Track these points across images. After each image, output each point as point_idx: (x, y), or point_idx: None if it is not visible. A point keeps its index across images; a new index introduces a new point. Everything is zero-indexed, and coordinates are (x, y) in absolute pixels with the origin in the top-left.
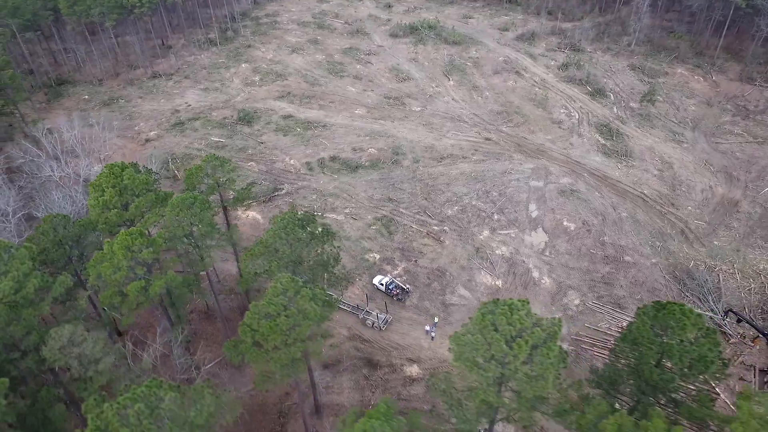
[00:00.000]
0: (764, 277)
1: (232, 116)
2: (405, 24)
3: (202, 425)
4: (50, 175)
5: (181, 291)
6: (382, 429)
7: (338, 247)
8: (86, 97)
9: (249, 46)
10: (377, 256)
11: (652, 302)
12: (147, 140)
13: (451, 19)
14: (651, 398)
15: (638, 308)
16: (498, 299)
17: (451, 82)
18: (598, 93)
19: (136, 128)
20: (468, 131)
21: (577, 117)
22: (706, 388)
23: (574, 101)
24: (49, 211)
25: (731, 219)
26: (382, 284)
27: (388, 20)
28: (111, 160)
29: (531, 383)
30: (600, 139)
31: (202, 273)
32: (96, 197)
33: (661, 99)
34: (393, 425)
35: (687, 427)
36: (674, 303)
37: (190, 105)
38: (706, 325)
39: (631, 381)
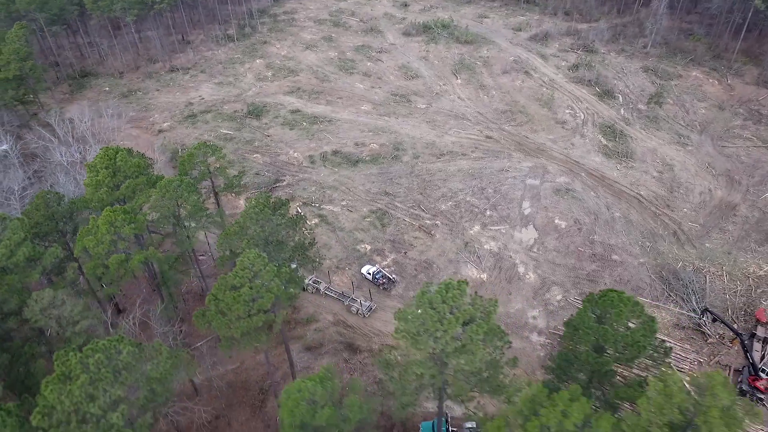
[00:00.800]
0: (752, 279)
1: (242, 110)
2: (418, 23)
3: (157, 378)
4: (60, 160)
5: (162, 268)
6: (314, 388)
7: (311, 231)
8: (107, 88)
9: (265, 43)
10: (368, 247)
11: (600, 291)
12: (160, 131)
13: (467, 18)
14: (597, 382)
15: (585, 297)
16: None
17: (459, 81)
18: (606, 94)
19: (151, 119)
20: (470, 129)
21: (582, 117)
22: (644, 374)
23: (581, 102)
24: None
25: (727, 222)
26: (369, 273)
27: (403, 19)
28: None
29: (460, 357)
30: (602, 139)
31: (198, 255)
32: (91, 177)
33: (671, 101)
34: (326, 386)
35: (628, 409)
36: (614, 291)
37: (203, 98)
38: (646, 313)
39: (576, 366)
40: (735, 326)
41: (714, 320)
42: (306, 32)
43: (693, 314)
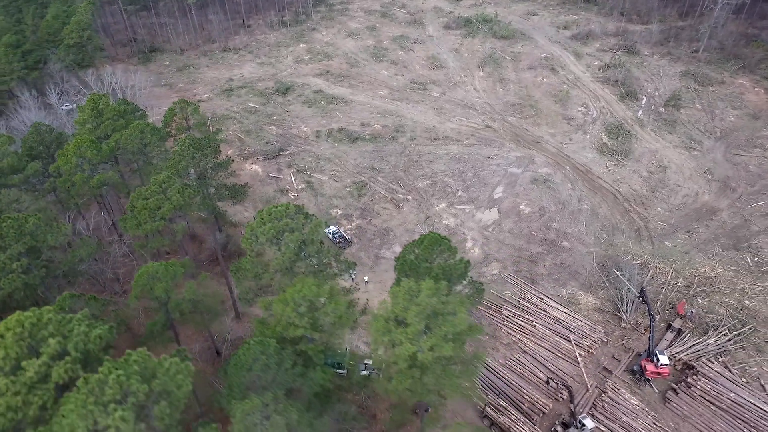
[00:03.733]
0: (698, 279)
1: (272, 87)
2: (461, 16)
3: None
4: None
5: (120, 189)
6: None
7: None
8: (167, 63)
9: (313, 29)
10: (339, 212)
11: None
12: (199, 101)
13: (515, 14)
14: None
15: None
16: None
17: (481, 74)
18: (629, 95)
19: (194, 90)
20: (473, 118)
21: (594, 115)
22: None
23: (598, 101)
24: None
25: (699, 225)
26: (329, 232)
27: (450, 13)
28: (161, 113)
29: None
30: (604, 137)
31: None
32: (81, 117)
33: (699, 106)
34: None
35: None
36: (440, 236)
37: (243, 75)
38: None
39: None
40: (654, 312)
41: (642, 300)
42: (354, 21)
43: (633, 290)
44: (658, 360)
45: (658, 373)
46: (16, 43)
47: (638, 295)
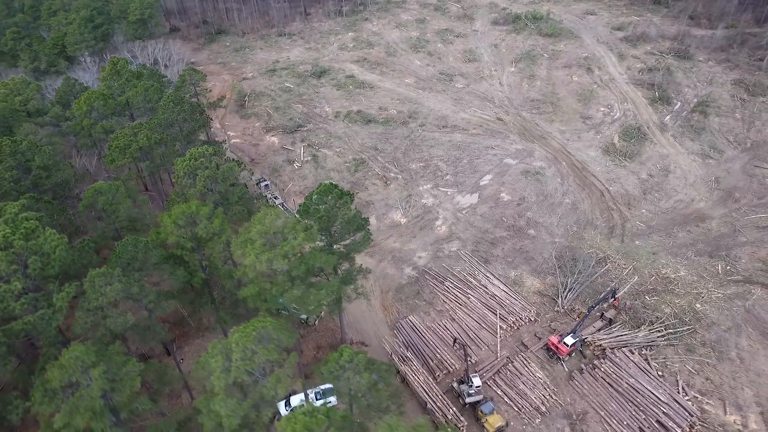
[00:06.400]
0: (656, 279)
1: (310, 70)
2: (511, 13)
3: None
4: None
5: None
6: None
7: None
8: (228, 44)
9: (366, 20)
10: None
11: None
12: (244, 78)
13: (572, 13)
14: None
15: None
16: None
17: (512, 69)
18: (661, 99)
19: (243, 70)
20: (488, 110)
21: (615, 116)
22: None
23: (627, 102)
24: None
25: (681, 230)
26: None
27: (504, 9)
28: (211, 87)
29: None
30: (616, 138)
31: None
32: (103, 74)
33: (738, 116)
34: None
35: None
36: (333, 184)
37: (289, 58)
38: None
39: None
40: (598, 306)
41: (614, 296)
42: (406, 14)
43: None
44: (572, 339)
45: (557, 348)
46: (90, 18)
47: (611, 294)
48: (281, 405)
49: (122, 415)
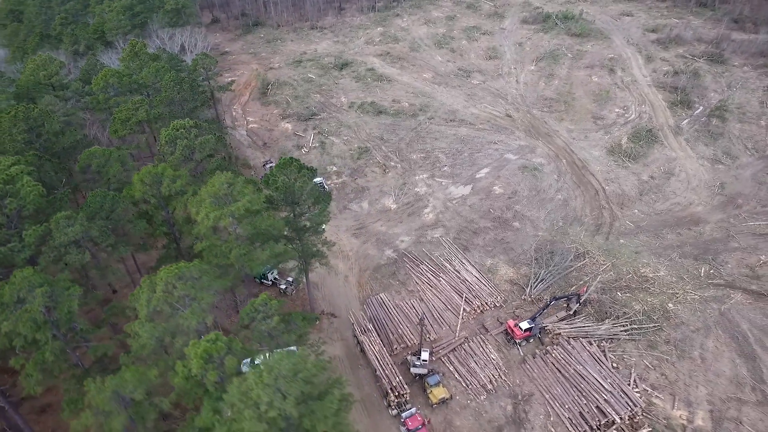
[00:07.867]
0: (633, 277)
1: (333, 62)
2: (541, 12)
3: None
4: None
5: None
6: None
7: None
8: (262, 35)
9: (397, 15)
10: (335, 168)
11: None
12: (270, 68)
13: (607, 14)
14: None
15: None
16: None
17: (533, 67)
18: (682, 103)
19: (272, 59)
20: (499, 107)
21: (629, 118)
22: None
23: (643, 105)
24: None
25: (671, 232)
26: (314, 182)
27: (536, 8)
28: (239, 75)
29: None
30: (624, 140)
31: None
32: (123, 55)
33: (764, 123)
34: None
35: None
36: (293, 158)
37: (316, 51)
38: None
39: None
40: (565, 298)
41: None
42: (438, 11)
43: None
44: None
45: (513, 332)
46: (129, 6)
47: (576, 298)
48: (245, 363)
49: (62, 329)
